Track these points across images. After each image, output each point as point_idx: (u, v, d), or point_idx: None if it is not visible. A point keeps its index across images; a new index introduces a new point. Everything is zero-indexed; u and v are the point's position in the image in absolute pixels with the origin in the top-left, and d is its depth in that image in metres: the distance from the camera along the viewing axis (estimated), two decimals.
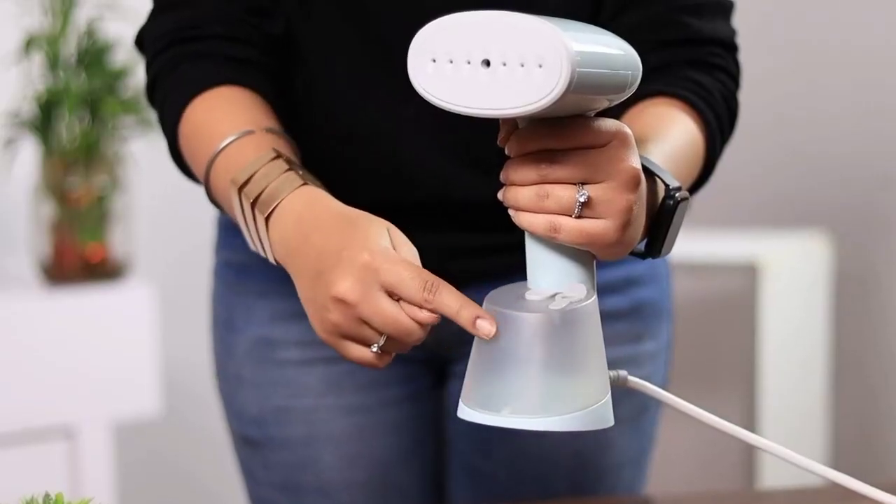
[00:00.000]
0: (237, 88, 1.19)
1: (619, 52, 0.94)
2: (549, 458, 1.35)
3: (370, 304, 0.98)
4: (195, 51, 1.20)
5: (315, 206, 1.04)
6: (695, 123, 1.18)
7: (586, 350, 0.95)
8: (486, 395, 0.95)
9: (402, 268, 0.97)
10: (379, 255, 0.98)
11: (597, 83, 0.90)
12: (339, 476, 1.34)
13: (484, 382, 0.95)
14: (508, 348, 0.94)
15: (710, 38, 1.22)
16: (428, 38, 0.92)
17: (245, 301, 1.36)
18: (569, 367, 0.94)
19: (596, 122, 0.93)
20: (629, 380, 1.03)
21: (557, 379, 0.94)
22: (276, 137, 1.14)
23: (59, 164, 2.37)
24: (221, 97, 1.18)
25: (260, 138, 1.12)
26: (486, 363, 0.95)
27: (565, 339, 0.94)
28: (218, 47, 1.20)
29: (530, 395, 0.94)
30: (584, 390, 0.95)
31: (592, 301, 0.95)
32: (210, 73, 1.19)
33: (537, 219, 0.94)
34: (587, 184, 0.93)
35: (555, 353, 0.94)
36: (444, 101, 0.92)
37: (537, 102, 0.88)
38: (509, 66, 0.89)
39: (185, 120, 1.18)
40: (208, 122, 1.16)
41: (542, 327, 0.93)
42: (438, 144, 1.25)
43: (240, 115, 1.15)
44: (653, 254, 1.03)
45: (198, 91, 1.18)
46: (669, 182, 1.01)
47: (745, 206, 3.12)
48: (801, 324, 2.87)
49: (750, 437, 1.04)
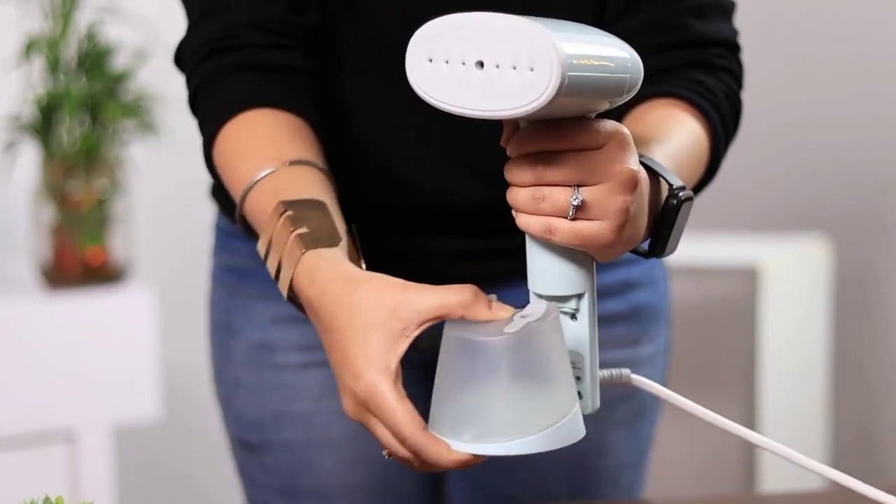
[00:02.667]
0: (268, 112, 1.16)
1: (616, 54, 0.94)
2: (547, 462, 1.35)
3: (370, 426, 0.97)
4: (232, 62, 1.18)
5: (313, 287, 1.01)
6: (699, 124, 1.18)
7: (546, 368, 0.94)
8: (449, 421, 0.95)
9: (389, 420, 0.95)
10: (371, 394, 0.95)
11: (591, 86, 0.90)
12: (338, 480, 1.34)
13: (447, 408, 0.95)
14: (467, 373, 0.94)
15: (712, 40, 1.22)
16: (425, 37, 0.92)
17: (243, 305, 1.36)
18: (529, 388, 0.93)
19: (593, 124, 0.93)
20: (632, 378, 1.03)
21: (518, 401, 0.93)
22: (297, 171, 1.11)
23: (59, 167, 2.37)
24: (250, 126, 1.16)
25: (277, 179, 1.10)
26: (447, 389, 0.95)
27: (522, 361, 0.93)
28: (256, 57, 1.19)
29: (492, 420, 0.93)
30: (547, 409, 0.94)
31: (551, 318, 0.95)
32: (242, 94, 1.17)
33: (533, 220, 0.94)
34: (583, 185, 0.93)
35: (513, 376, 0.93)
36: (438, 101, 0.92)
37: (528, 105, 0.88)
38: (502, 68, 0.89)
39: (217, 146, 1.17)
40: (235, 156, 1.14)
41: (496, 351, 0.93)
42: (442, 151, 1.25)
43: (266, 148, 1.13)
44: (656, 253, 1.03)
45: (229, 116, 1.16)
46: (672, 181, 1.01)
47: (745, 210, 3.12)
48: (802, 327, 2.87)
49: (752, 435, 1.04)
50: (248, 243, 1.35)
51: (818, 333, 2.92)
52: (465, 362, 0.94)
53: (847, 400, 3.05)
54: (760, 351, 2.66)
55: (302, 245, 1.02)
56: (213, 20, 1.20)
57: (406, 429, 0.94)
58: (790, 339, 2.79)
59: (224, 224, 1.39)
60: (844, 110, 3.04)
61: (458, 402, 0.94)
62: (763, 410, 2.66)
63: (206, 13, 1.21)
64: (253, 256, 1.35)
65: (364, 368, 0.95)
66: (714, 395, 2.65)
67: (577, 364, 0.99)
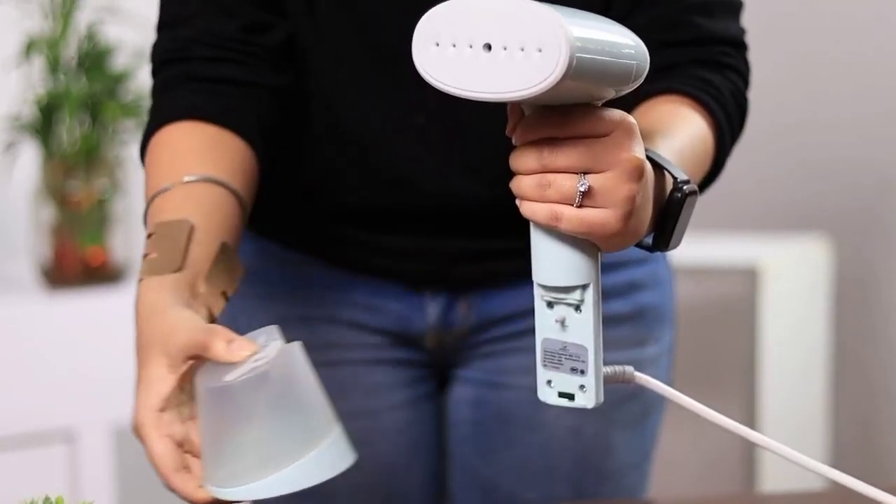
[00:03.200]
0: (192, 126, 1.19)
1: (623, 41, 0.93)
2: (552, 463, 1.35)
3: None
4: (180, 73, 1.22)
5: (136, 307, 1.06)
6: (704, 121, 1.17)
7: (283, 406, 0.97)
8: (207, 463, 0.98)
9: (149, 457, 1.01)
10: (138, 431, 1.01)
11: (598, 71, 0.90)
12: (343, 480, 1.33)
13: (204, 451, 0.99)
14: (205, 418, 0.98)
15: (719, 38, 1.22)
16: (431, 21, 0.92)
17: (248, 305, 1.36)
18: (267, 427, 0.96)
19: (599, 112, 0.93)
20: (635, 375, 1.03)
21: (257, 441, 0.96)
22: (187, 190, 1.14)
23: (59, 167, 2.37)
24: (170, 139, 1.19)
25: (166, 198, 1.13)
26: (202, 433, 0.99)
27: (247, 405, 0.96)
28: (201, 69, 1.22)
29: (237, 461, 0.96)
30: (292, 444, 0.97)
31: (281, 360, 0.98)
32: (176, 106, 1.20)
33: (539, 207, 0.93)
34: (589, 173, 0.93)
35: (243, 419, 0.96)
36: (445, 85, 0.92)
37: (535, 86, 0.88)
38: (510, 50, 0.89)
39: (147, 154, 1.20)
40: (150, 168, 1.18)
41: (216, 398, 0.96)
42: (442, 152, 1.25)
43: (172, 164, 1.16)
44: (660, 247, 1.03)
45: (158, 126, 1.20)
46: (677, 175, 1.01)
47: (745, 210, 3.12)
48: (802, 328, 2.87)
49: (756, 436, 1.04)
50: (253, 243, 1.35)
51: (818, 333, 2.92)
52: (202, 407, 0.98)
53: (847, 400, 3.05)
54: (761, 351, 2.66)
55: (143, 271, 1.07)
56: (169, 32, 1.24)
57: (160, 469, 0.99)
58: (790, 339, 2.79)
59: None
60: (844, 110, 3.04)
61: (209, 445, 0.98)
62: (763, 410, 2.66)
63: (165, 24, 1.25)
64: (258, 255, 1.35)
65: (137, 403, 1.01)
66: (714, 395, 2.65)
67: (580, 357, 0.99)
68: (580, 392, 0.98)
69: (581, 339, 0.98)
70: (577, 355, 0.98)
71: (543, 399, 1.00)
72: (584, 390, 0.99)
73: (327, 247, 1.33)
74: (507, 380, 1.33)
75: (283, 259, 1.34)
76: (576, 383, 0.98)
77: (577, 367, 0.98)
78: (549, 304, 0.98)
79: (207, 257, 1.09)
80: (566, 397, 0.99)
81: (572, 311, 0.98)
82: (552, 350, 0.99)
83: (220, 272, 1.10)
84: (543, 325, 0.99)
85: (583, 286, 0.97)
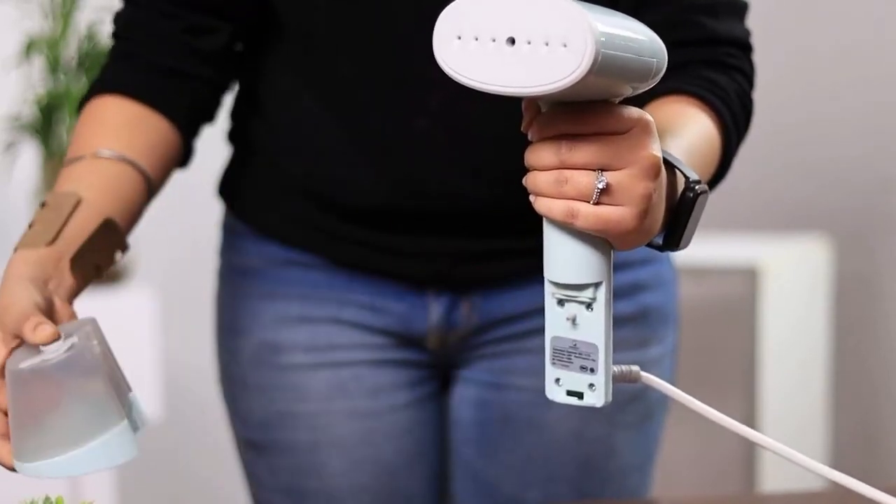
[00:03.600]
0: (120, 100, 1.25)
1: (644, 38, 0.93)
2: (555, 464, 1.35)
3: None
4: (126, 49, 1.28)
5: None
6: (711, 121, 1.17)
7: (68, 394, 1.03)
8: (13, 444, 1.05)
9: None
10: None
11: (621, 67, 0.90)
12: (345, 481, 1.34)
13: (11, 433, 1.05)
14: (9, 400, 1.04)
15: (725, 39, 1.23)
16: (453, 15, 0.91)
17: (250, 305, 1.36)
18: (46, 417, 1.03)
19: (618, 109, 0.93)
20: (641, 375, 1.02)
21: (35, 428, 1.03)
22: (94, 164, 1.20)
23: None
24: (98, 109, 1.25)
25: (73, 168, 1.20)
26: (9, 416, 1.05)
27: (29, 394, 1.03)
28: (146, 52, 1.27)
29: (32, 441, 1.04)
30: (67, 434, 1.03)
31: (68, 351, 1.04)
32: (114, 78, 1.26)
33: (555, 204, 0.93)
34: (606, 170, 0.92)
35: (24, 405, 1.03)
36: (468, 79, 0.91)
37: (560, 81, 0.88)
38: (534, 44, 0.88)
39: (80, 115, 1.27)
40: (75, 134, 1.25)
41: (15, 381, 1.03)
42: (449, 154, 1.25)
43: (94, 135, 1.23)
44: (671, 246, 1.02)
45: (93, 95, 1.26)
46: (689, 175, 1.01)
47: (745, 210, 3.12)
48: (802, 327, 2.87)
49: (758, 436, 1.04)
50: (255, 242, 1.35)
51: (818, 333, 2.92)
52: (7, 387, 1.04)
53: (847, 400, 3.05)
54: (761, 351, 2.66)
55: (20, 242, 1.13)
56: (128, 7, 1.29)
57: None
58: (790, 339, 2.79)
59: (231, 223, 1.40)
60: (845, 110, 3.05)
61: (11, 421, 1.04)
62: (763, 410, 2.66)
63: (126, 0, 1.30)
64: (260, 256, 1.35)
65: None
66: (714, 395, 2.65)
67: (590, 355, 0.98)
68: (589, 390, 0.98)
69: (592, 338, 0.98)
70: (588, 353, 0.98)
71: (551, 397, 0.99)
72: (594, 389, 0.98)
73: (329, 247, 1.33)
74: (509, 381, 1.33)
75: (286, 259, 1.34)
76: (585, 382, 0.98)
77: (586, 366, 0.98)
78: (559, 301, 0.98)
79: (85, 232, 1.15)
80: (575, 395, 0.99)
81: (583, 310, 0.97)
82: (561, 348, 0.98)
83: (97, 247, 1.17)
84: (553, 322, 0.98)
85: (595, 284, 0.97)
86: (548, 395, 0.99)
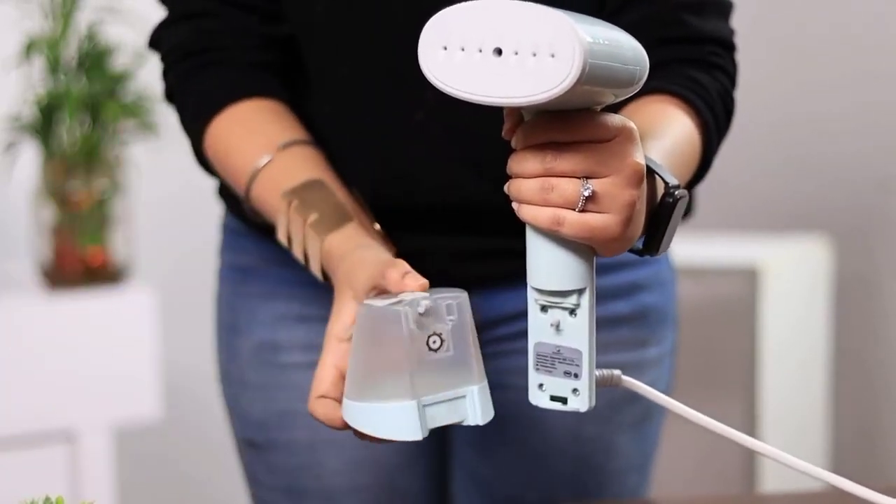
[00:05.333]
0: (250, 103, 1.24)
1: (627, 46, 0.94)
2: (554, 464, 1.35)
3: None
4: (209, 61, 1.25)
5: (342, 266, 1.09)
6: (692, 121, 1.18)
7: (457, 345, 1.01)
8: (348, 387, 1.02)
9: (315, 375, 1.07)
10: (323, 351, 1.08)
11: (607, 76, 0.90)
12: (344, 480, 1.34)
13: (349, 375, 1.02)
14: (356, 339, 1.01)
15: (709, 37, 1.23)
16: (439, 25, 0.92)
17: (250, 304, 1.36)
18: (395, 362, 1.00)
19: (602, 117, 0.93)
20: (623, 379, 1.03)
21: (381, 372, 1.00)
22: (291, 153, 1.19)
23: (59, 167, 2.37)
24: (237, 117, 1.23)
25: (274, 167, 1.18)
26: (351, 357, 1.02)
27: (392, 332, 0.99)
28: (236, 56, 1.25)
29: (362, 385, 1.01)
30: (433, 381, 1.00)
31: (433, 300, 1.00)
32: (222, 88, 1.24)
33: (541, 212, 0.93)
34: (591, 178, 0.93)
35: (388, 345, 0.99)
36: (454, 89, 0.92)
37: (548, 92, 0.88)
38: (521, 55, 0.89)
39: (208, 141, 1.24)
40: (229, 149, 1.22)
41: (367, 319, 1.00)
42: (446, 149, 1.26)
43: (257, 137, 1.21)
44: (651, 251, 1.03)
45: (214, 112, 1.23)
46: (669, 180, 1.01)
47: (745, 210, 3.12)
48: (802, 328, 2.87)
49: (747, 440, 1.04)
50: (256, 242, 1.35)
51: (818, 333, 2.92)
52: (355, 328, 1.01)
53: (847, 400, 3.05)
54: (761, 351, 2.66)
55: (318, 233, 1.11)
56: (192, 23, 1.26)
57: (311, 390, 1.05)
58: (790, 339, 2.79)
59: (231, 223, 1.40)
60: (844, 109, 3.04)
61: (353, 362, 1.01)
62: (763, 410, 2.66)
63: (186, 15, 1.27)
64: (260, 255, 1.35)
65: (326, 331, 1.07)
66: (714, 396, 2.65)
67: (574, 360, 0.99)
68: (573, 395, 0.99)
69: (576, 343, 0.98)
70: (572, 359, 0.98)
71: (535, 402, 1.00)
72: (578, 394, 0.99)
73: None
74: (508, 380, 1.33)
75: (285, 259, 1.34)
76: (569, 387, 0.99)
77: (570, 371, 0.98)
78: (542, 307, 0.98)
79: (353, 204, 1.16)
80: (559, 401, 0.99)
81: (567, 315, 0.98)
82: (545, 354, 0.99)
83: (361, 212, 1.17)
84: (537, 328, 0.99)
85: (579, 290, 0.97)
86: (531, 401, 1.00)
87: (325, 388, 1.04)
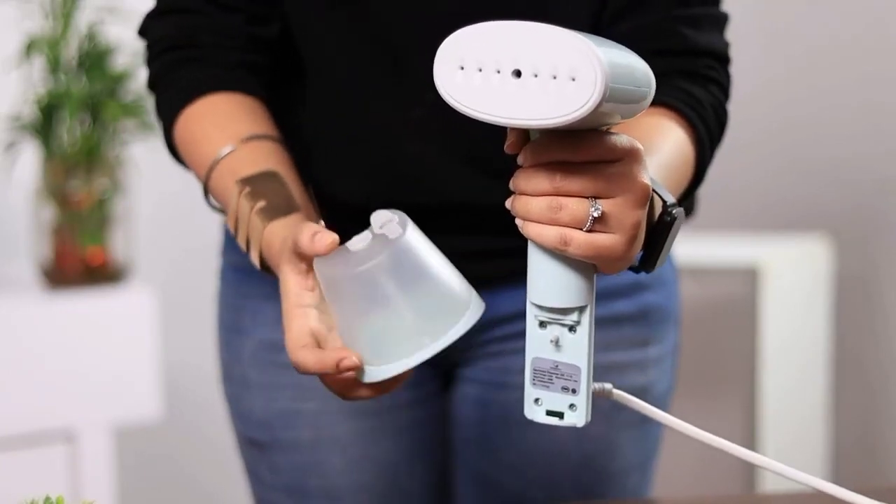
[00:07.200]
0: (222, 95, 1.24)
1: (639, 67, 0.94)
2: (556, 464, 1.35)
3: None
4: (188, 56, 1.26)
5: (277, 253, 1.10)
6: (686, 135, 1.18)
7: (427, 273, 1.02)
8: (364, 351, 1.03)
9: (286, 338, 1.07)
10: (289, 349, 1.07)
11: (622, 98, 0.90)
12: (346, 479, 1.34)
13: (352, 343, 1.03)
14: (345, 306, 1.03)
15: (704, 50, 1.23)
16: (457, 45, 0.91)
17: (251, 304, 1.36)
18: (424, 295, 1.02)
19: (610, 137, 0.93)
20: (613, 392, 1.03)
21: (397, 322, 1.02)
22: (253, 146, 1.20)
23: (59, 167, 2.37)
24: (206, 108, 1.24)
25: (234, 157, 1.19)
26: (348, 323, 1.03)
27: (401, 276, 1.02)
28: (213, 54, 1.26)
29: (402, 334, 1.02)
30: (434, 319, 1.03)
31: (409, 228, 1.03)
32: (197, 81, 1.25)
33: (548, 230, 0.93)
34: (600, 198, 0.93)
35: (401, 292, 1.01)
36: (472, 110, 0.91)
37: (570, 115, 0.88)
38: (541, 77, 0.88)
39: (177, 130, 1.25)
40: (196, 138, 1.23)
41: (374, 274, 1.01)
42: (445, 148, 1.26)
43: (224, 128, 1.22)
44: (647, 268, 1.03)
45: (186, 102, 1.24)
46: (667, 198, 1.02)
47: (745, 210, 3.12)
48: (802, 327, 2.87)
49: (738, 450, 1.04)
50: None
51: (819, 333, 2.92)
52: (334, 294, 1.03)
53: (847, 400, 3.05)
54: (761, 351, 2.66)
55: (262, 220, 1.11)
56: (177, 17, 1.27)
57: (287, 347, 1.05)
58: (791, 339, 2.79)
59: None
60: (844, 110, 3.05)
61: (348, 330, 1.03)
62: (763, 410, 2.66)
63: (173, 9, 1.28)
64: None
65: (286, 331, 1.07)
66: (714, 396, 2.65)
67: (572, 376, 0.99)
68: (570, 411, 0.99)
69: (575, 360, 0.98)
70: (570, 374, 0.98)
71: (531, 417, 1.00)
72: (574, 409, 0.99)
73: None
74: (511, 380, 1.33)
75: None
76: (566, 402, 0.98)
77: (568, 386, 0.98)
78: (542, 323, 0.98)
79: (304, 198, 1.16)
80: (555, 416, 0.99)
81: (566, 332, 0.98)
82: (543, 369, 0.99)
83: (312, 209, 1.18)
84: (535, 344, 0.98)
85: (580, 308, 0.97)
86: (527, 415, 1.00)
87: (304, 340, 1.05)
